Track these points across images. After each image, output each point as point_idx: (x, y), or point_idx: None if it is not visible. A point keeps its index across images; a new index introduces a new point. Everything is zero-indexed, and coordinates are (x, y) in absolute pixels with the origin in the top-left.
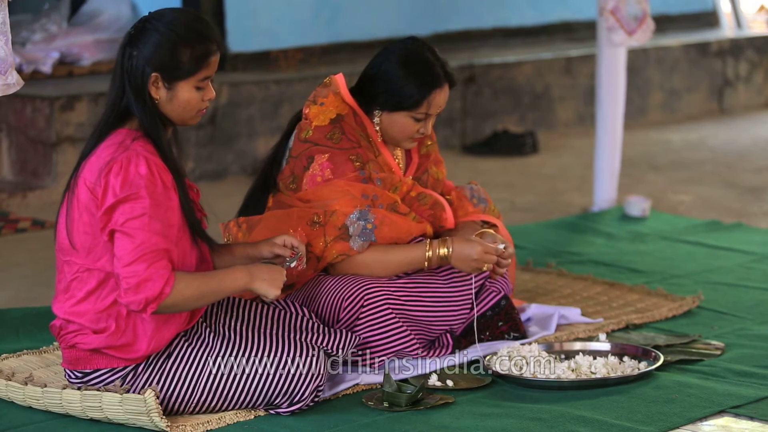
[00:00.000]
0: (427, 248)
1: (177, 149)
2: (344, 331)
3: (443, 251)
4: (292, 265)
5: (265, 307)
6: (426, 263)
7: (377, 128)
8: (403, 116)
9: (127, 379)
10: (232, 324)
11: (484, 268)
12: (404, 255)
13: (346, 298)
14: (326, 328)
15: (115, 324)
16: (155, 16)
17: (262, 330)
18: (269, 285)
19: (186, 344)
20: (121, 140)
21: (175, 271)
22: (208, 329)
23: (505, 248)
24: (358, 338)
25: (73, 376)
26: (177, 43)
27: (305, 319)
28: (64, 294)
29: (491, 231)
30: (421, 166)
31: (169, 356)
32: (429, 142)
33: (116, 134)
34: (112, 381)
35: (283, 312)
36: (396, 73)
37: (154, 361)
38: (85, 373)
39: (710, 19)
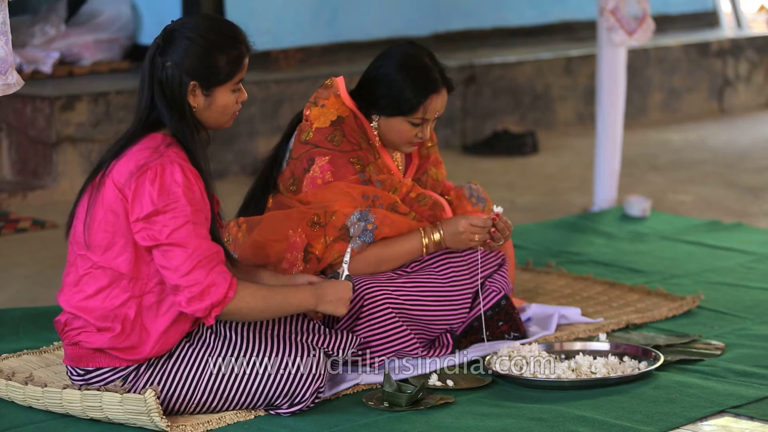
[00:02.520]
0: (423, 236)
1: (205, 157)
2: (345, 332)
3: (436, 236)
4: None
5: None
6: (424, 250)
7: (376, 132)
8: (400, 121)
9: (129, 379)
10: (233, 325)
11: (476, 239)
12: (402, 247)
13: None
14: (327, 329)
15: (120, 326)
16: (182, 24)
17: (262, 331)
18: (336, 305)
19: (187, 345)
20: (155, 145)
21: (239, 280)
22: (209, 330)
23: (498, 214)
24: (358, 339)
25: (74, 373)
26: (211, 49)
27: (306, 320)
28: (74, 287)
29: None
30: (420, 167)
31: (170, 356)
32: (429, 144)
33: (150, 138)
34: (114, 380)
35: None
36: (393, 78)
37: (155, 362)
38: (87, 370)
39: (710, 19)
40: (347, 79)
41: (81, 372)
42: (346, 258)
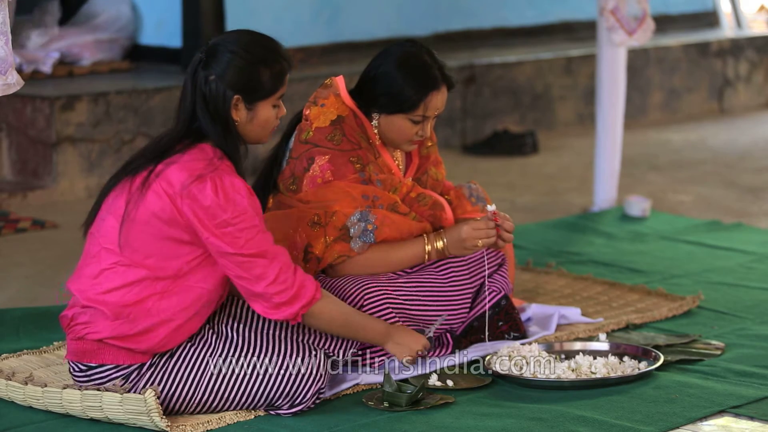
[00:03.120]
0: (426, 242)
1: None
2: None
3: (440, 244)
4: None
5: None
6: (426, 257)
7: (376, 131)
8: (400, 119)
9: (130, 378)
10: (235, 325)
11: (480, 244)
12: (404, 252)
13: (346, 298)
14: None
15: (133, 314)
16: (224, 39)
17: (264, 331)
18: (401, 350)
19: (189, 345)
20: (208, 157)
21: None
22: (210, 330)
23: (495, 212)
24: (358, 341)
25: (76, 369)
26: (255, 63)
27: None
28: (93, 280)
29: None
30: (420, 167)
31: (171, 356)
32: (429, 144)
33: (201, 149)
34: (116, 377)
35: None
36: (393, 75)
37: (157, 361)
38: (90, 366)
39: (710, 19)
40: (347, 78)
41: (83, 368)
42: (439, 321)
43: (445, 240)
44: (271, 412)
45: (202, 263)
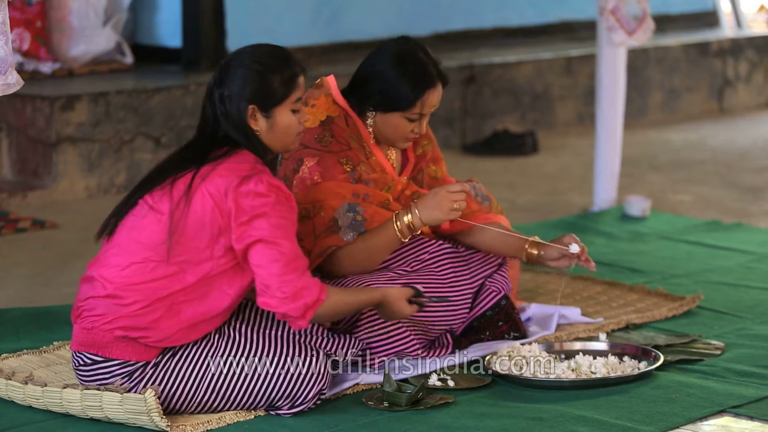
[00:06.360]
0: (395, 220)
1: None
2: (347, 335)
3: (407, 217)
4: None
5: None
6: (399, 235)
7: (370, 129)
8: (396, 117)
9: (133, 376)
10: (237, 325)
11: (456, 207)
12: (379, 237)
13: None
14: (329, 332)
15: (153, 306)
16: (235, 55)
17: (265, 332)
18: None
19: (191, 344)
20: (253, 161)
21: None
22: (213, 330)
23: (579, 252)
24: (361, 343)
25: (81, 362)
26: (264, 72)
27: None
28: (120, 270)
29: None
30: (416, 165)
31: (174, 355)
32: (425, 142)
33: (244, 155)
34: (119, 374)
35: None
36: (389, 73)
37: (160, 360)
38: (95, 360)
39: (710, 19)
40: (346, 79)
41: (88, 361)
42: (436, 298)
43: (416, 211)
44: (271, 413)
45: (232, 268)
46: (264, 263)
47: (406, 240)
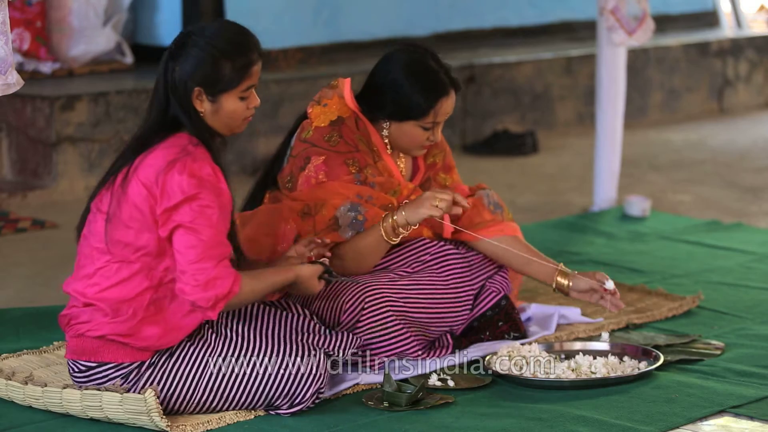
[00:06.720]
0: (381, 222)
1: (224, 159)
2: (345, 332)
3: (393, 218)
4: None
5: (267, 308)
6: (384, 234)
7: (386, 141)
8: (411, 126)
9: (130, 378)
10: (234, 325)
11: (438, 204)
12: (366, 237)
13: (346, 300)
14: (327, 330)
15: (132, 310)
16: (196, 30)
17: (263, 331)
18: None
19: (188, 344)
20: (183, 144)
21: (241, 274)
22: (210, 329)
23: (614, 289)
24: (359, 340)
25: (76, 369)
26: (217, 57)
27: (306, 321)
28: (88, 280)
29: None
30: (425, 174)
31: (171, 355)
32: (436, 151)
33: (177, 137)
34: (116, 377)
35: (284, 313)
36: (401, 83)
37: (157, 360)
38: (89, 366)
39: (710, 19)
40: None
41: (83, 368)
42: (348, 280)
43: (402, 212)
44: (271, 412)
45: None
46: (182, 249)
47: (394, 241)
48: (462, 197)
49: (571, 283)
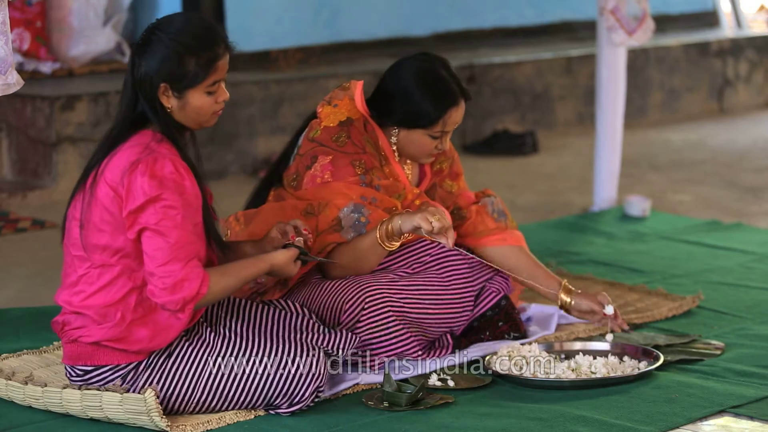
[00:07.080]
0: (378, 227)
1: (195, 152)
2: (344, 331)
3: (388, 225)
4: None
5: (266, 307)
6: (379, 239)
7: (394, 147)
8: (420, 134)
9: (128, 378)
10: (233, 324)
11: (430, 219)
12: (363, 240)
13: (346, 300)
14: (326, 329)
15: (120, 314)
16: (161, 25)
17: (262, 330)
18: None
19: (187, 344)
20: (146, 142)
21: (209, 272)
22: (208, 329)
23: (614, 313)
24: (358, 338)
25: (73, 374)
26: (182, 53)
27: (306, 320)
28: (73, 288)
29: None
30: (431, 181)
31: (169, 355)
32: (443, 158)
33: (141, 135)
34: (113, 379)
35: (283, 312)
36: (411, 92)
37: (155, 361)
38: (86, 370)
39: (710, 19)
40: (347, 78)
41: (80, 372)
42: (321, 260)
43: (398, 220)
44: (271, 412)
45: None
46: (149, 251)
47: (389, 247)
48: (452, 236)
49: (573, 302)
